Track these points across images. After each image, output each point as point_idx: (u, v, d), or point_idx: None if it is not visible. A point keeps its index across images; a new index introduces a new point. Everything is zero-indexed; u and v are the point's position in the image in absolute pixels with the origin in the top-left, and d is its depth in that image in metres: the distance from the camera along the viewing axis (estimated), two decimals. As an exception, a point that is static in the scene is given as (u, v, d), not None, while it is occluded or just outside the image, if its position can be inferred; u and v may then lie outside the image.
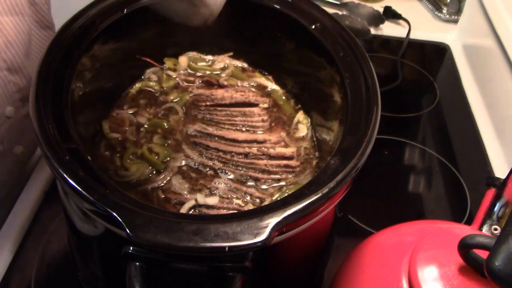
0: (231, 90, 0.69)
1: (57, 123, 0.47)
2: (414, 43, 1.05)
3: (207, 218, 0.46)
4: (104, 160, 0.60)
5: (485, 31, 0.96)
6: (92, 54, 0.58)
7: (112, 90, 0.66)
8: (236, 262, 0.43)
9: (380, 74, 0.83)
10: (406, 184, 0.85)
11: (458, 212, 0.78)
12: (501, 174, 0.69)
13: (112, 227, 0.42)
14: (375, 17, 1.15)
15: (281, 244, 0.44)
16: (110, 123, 0.63)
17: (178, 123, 0.64)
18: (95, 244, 0.52)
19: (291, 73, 0.70)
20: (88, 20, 0.58)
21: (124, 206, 0.42)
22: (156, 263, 0.43)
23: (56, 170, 0.44)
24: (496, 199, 0.53)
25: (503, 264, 0.37)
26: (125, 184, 0.57)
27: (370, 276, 0.50)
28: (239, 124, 0.65)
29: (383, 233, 0.55)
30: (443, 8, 1.18)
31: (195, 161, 0.60)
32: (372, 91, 0.54)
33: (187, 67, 0.72)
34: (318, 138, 0.64)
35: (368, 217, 0.75)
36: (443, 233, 0.48)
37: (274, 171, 0.60)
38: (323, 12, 0.64)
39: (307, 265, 0.57)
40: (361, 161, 0.47)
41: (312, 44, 0.62)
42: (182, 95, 0.68)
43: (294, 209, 0.42)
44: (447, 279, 0.43)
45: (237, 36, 0.72)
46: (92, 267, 0.57)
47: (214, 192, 0.57)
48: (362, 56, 0.58)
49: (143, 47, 0.68)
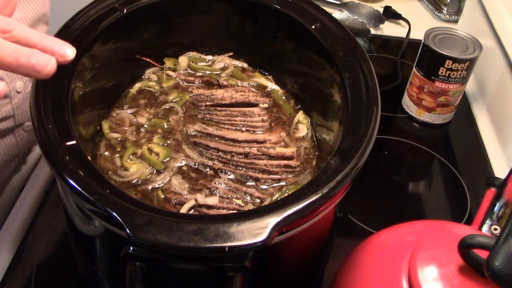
0: (231, 90, 0.69)
1: (57, 123, 0.47)
2: (414, 43, 1.05)
3: (207, 218, 0.46)
4: (104, 160, 0.60)
5: (485, 31, 0.96)
6: (92, 54, 0.58)
7: (112, 90, 0.66)
8: (236, 262, 0.43)
9: (380, 74, 0.83)
10: (406, 184, 0.85)
11: (458, 212, 0.78)
12: (501, 174, 0.69)
13: (112, 227, 0.42)
14: (375, 17, 1.15)
15: (281, 244, 0.44)
16: (110, 123, 0.64)
17: (178, 123, 0.64)
18: (95, 244, 0.52)
19: (291, 73, 0.70)
20: (88, 20, 0.58)
21: (124, 206, 0.42)
22: (156, 263, 0.43)
23: (56, 170, 0.44)
24: (496, 199, 0.53)
25: (503, 264, 0.37)
26: (125, 184, 0.57)
27: (370, 276, 0.50)
28: (239, 124, 0.65)
29: (383, 233, 0.55)
30: (443, 8, 1.19)
31: (195, 161, 0.60)
32: (372, 91, 0.54)
33: (187, 67, 0.72)
34: (318, 138, 0.64)
35: (368, 217, 0.75)
36: (443, 233, 0.48)
37: (274, 171, 0.60)
38: (323, 12, 0.64)
39: (307, 265, 0.57)
40: (361, 161, 0.47)
41: (312, 44, 0.62)
42: (182, 95, 0.68)
43: (294, 209, 0.42)
44: (447, 279, 0.43)
45: (237, 36, 0.72)
46: (92, 267, 0.57)
47: (214, 192, 0.57)
48: (362, 56, 0.58)
49: (143, 47, 0.68)
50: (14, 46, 0.40)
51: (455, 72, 0.84)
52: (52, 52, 0.41)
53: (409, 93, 0.92)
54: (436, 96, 0.88)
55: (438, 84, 0.86)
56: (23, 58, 0.40)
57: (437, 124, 0.92)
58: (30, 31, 0.42)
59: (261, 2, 0.66)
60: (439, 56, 0.84)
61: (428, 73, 0.86)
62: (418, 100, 0.91)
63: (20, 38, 0.42)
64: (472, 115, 0.96)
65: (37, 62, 0.40)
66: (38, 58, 0.40)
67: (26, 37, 0.42)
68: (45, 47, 0.42)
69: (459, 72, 0.84)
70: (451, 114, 0.92)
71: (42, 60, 0.40)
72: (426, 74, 0.87)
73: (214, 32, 0.72)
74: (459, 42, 0.86)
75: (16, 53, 0.40)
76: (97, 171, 0.46)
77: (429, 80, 0.87)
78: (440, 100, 0.88)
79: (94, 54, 0.58)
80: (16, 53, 0.40)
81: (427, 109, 0.90)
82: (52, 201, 0.73)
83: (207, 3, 0.69)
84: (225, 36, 0.72)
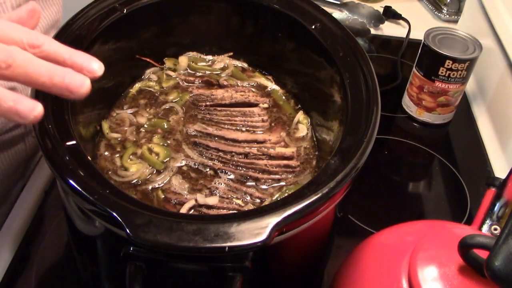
0: (231, 90, 0.69)
1: (57, 123, 0.47)
2: (414, 43, 1.05)
3: (207, 218, 0.46)
4: (104, 160, 0.60)
5: (485, 31, 0.96)
6: (92, 54, 0.57)
7: (112, 90, 0.66)
8: (236, 262, 0.43)
9: (380, 74, 0.83)
10: (406, 184, 0.85)
11: (458, 212, 0.78)
12: (501, 174, 0.69)
13: (112, 227, 0.42)
14: (375, 17, 1.15)
15: (281, 244, 0.44)
16: (110, 123, 0.64)
17: (178, 123, 0.64)
18: (95, 244, 0.52)
19: (291, 73, 0.70)
20: (88, 20, 0.58)
21: (124, 206, 0.42)
22: (156, 263, 0.43)
23: (56, 170, 0.44)
24: (496, 199, 0.53)
25: (503, 264, 0.37)
26: (125, 184, 0.57)
27: (370, 276, 0.50)
28: (239, 124, 0.65)
29: (383, 233, 0.55)
30: (443, 8, 1.18)
31: (195, 161, 0.60)
32: (372, 91, 0.54)
33: (187, 67, 0.72)
34: (318, 138, 0.64)
35: (368, 217, 0.75)
36: (443, 233, 0.48)
37: (274, 171, 0.60)
38: (323, 12, 0.64)
39: (307, 265, 0.57)
40: (361, 161, 0.47)
41: (312, 44, 0.62)
42: (182, 95, 0.68)
43: (294, 209, 0.42)
44: (447, 279, 0.43)
45: (237, 36, 0.72)
46: (92, 267, 0.57)
47: (214, 192, 0.57)
48: (362, 56, 0.58)
49: (143, 47, 0.68)
50: (48, 64, 0.39)
51: (455, 72, 0.84)
52: (81, 68, 0.40)
53: (409, 93, 0.92)
54: (436, 96, 0.88)
55: (438, 84, 0.86)
56: (57, 78, 0.38)
57: (437, 124, 0.92)
58: (58, 45, 0.41)
59: (261, 2, 0.66)
60: (439, 56, 0.84)
61: (428, 73, 0.86)
62: (418, 100, 0.91)
63: (49, 53, 0.40)
64: (472, 115, 0.96)
65: (71, 82, 0.39)
66: (72, 78, 0.39)
67: (55, 53, 0.40)
68: (74, 64, 0.40)
69: (459, 72, 0.84)
70: (451, 114, 0.92)
71: (77, 81, 0.39)
72: (426, 74, 0.87)
73: (214, 32, 0.72)
74: (459, 42, 0.86)
75: (50, 72, 0.38)
76: (97, 171, 0.46)
77: (429, 80, 0.87)
78: (440, 100, 0.88)
79: (94, 54, 0.57)
80: (50, 72, 0.38)
81: (427, 109, 0.90)
82: (52, 201, 0.73)
83: (207, 3, 0.69)
84: (225, 36, 0.72)
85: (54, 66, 0.39)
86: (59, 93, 0.40)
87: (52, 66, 0.39)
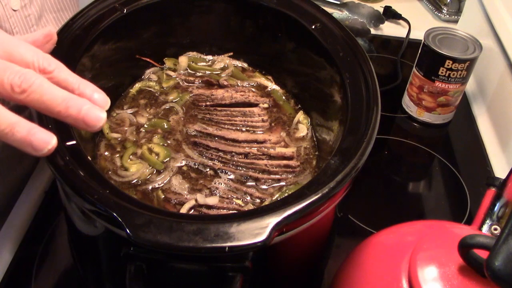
0: (231, 90, 0.69)
1: (57, 123, 0.47)
2: (414, 43, 1.05)
3: (207, 218, 0.46)
4: (104, 160, 0.60)
5: (485, 31, 0.96)
6: (92, 54, 0.58)
7: (112, 90, 0.66)
8: (236, 262, 0.43)
9: (380, 74, 0.83)
10: (406, 184, 0.85)
11: (458, 212, 0.78)
12: (501, 174, 0.69)
13: (112, 227, 0.42)
14: (375, 17, 1.15)
15: (281, 244, 0.44)
16: (110, 123, 0.64)
17: (178, 123, 0.64)
18: (95, 244, 0.52)
19: (291, 73, 0.70)
20: (88, 20, 0.58)
21: (124, 206, 0.42)
22: (156, 263, 0.43)
23: (56, 170, 0.44)
24: (496, 199, 0.53)
25: (503, 264, 0.37)
26: (125, 184, 0.57)
27: (370, 276, 0.50)
28: (239, 124, 0.65)
29: (383, 233, 0.55)
30: (443, 8, 1.18)
31: (195, 161, 0.60)
32: (372, 91, 0.54)
33: (187, 67, 0.72)
34: (318, 138, 0.64)
35: (368, 217, 0.75)
36: (443, 233, 0.48)
37: (274, 171, 0.60)
38: (323, 12, 0.64)
39: (307, 265, 0.57)
40: (361, 161, 0.47)
41: (312, 44, 0.62)
42: (182, 95, 0.68)
43: (294, 209, 0.42)
44: (447, 279, 0.43)
45: (237, 36, 0.72)
46: (92, 267, 0.57)
47: (214, 192, 0.57)
48: (362, 56, 0.58)
49: (143, 47, 0.68)
50: (64, 93, 0.38)
51: (455, 72, 0.84)
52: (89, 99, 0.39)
53: (409, 93, 0.92)
54: (436, 96, 0.88)
55: (438, 84, 0.86)
56: (73, 109, 0.37)
57: (437, 124, 0.92)
58: (69, 73, 0.40)
59: (261, 2, 0.66)
60: (439, 56, 0.84)
61: (428, 73, 0.86)
62: (418, 100, 0.91)
63: (59, 80, 0.39)
64: (472, 115, 0.96)
65: (88, 115, 0.37)
66: (89, 111, 0.38)
67: (65, 81, 0.39)
68: (82, 94, 0.39)
69: (459, 72, 0.84)
70: (451, 114, 0.92)
71: (93, 115, 0.38)
72: (426, 74, 0.87)
73: (214, 32, 0.72)
74: (459, 42, 0.86)
75: (66, 102, 0.37)
76: (97, 171, 0.46)
77: (429, 80, 0.87)
78: (440, 100, 0.88)
79: (94, 54, 0.58)
80: (66, 102, 0.37)
81: (427, 109, 0.90)
82: (52, 201, 0.73)
83: (207, 3, 0.69)
84: (225, 36, 0.72)
85: (70, 96, 0.38)
86: (73, 124, 0.39)
87: (68, 95, 0.38)
